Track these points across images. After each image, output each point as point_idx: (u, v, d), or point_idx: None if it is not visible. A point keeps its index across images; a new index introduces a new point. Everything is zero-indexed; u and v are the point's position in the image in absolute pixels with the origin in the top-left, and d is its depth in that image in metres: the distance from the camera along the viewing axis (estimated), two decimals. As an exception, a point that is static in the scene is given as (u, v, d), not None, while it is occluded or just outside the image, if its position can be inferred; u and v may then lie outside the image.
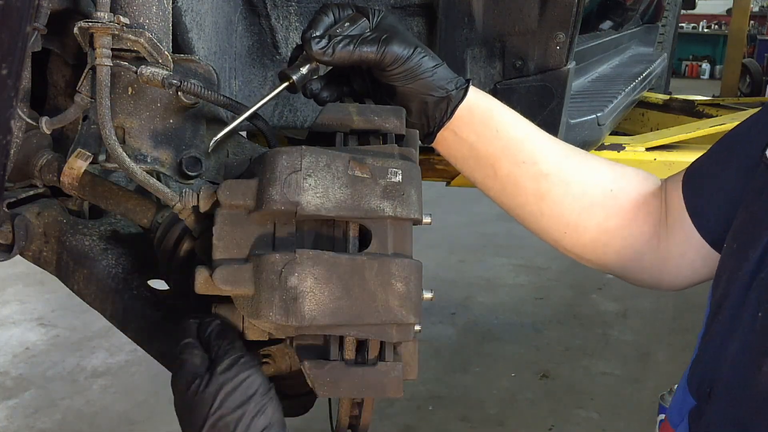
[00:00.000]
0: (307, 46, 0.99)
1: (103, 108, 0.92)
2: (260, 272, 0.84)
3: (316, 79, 1.04)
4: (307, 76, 1.02)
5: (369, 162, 0.88)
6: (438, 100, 1.02)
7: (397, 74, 1.00)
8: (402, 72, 1.00)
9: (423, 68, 1.00)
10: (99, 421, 2.93)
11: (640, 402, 3.04)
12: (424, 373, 3.25)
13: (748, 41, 13.68)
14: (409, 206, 0.87)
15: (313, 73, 1.03)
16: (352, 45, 0.98)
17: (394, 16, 1.10)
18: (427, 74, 1.01)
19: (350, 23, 1.02)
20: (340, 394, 0.89)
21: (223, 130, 1.02)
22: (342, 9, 1.04)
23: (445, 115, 1.04)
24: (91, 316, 3.15)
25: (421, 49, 1.01)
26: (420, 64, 1.00)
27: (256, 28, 1.30)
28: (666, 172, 1.74)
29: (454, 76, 1.03)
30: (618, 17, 2.80)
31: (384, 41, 0.98)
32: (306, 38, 1.00)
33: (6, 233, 1.18)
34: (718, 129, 1.89)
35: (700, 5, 6.26)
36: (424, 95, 1.02)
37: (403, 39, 1.00)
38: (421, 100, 1.02)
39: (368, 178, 0.86)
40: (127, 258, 1.26)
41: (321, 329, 0.85)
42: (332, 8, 1.03)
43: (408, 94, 1.02)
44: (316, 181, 0.85)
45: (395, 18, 1.10)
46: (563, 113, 1.25)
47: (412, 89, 1.01)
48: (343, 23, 1.02)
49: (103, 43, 0.92)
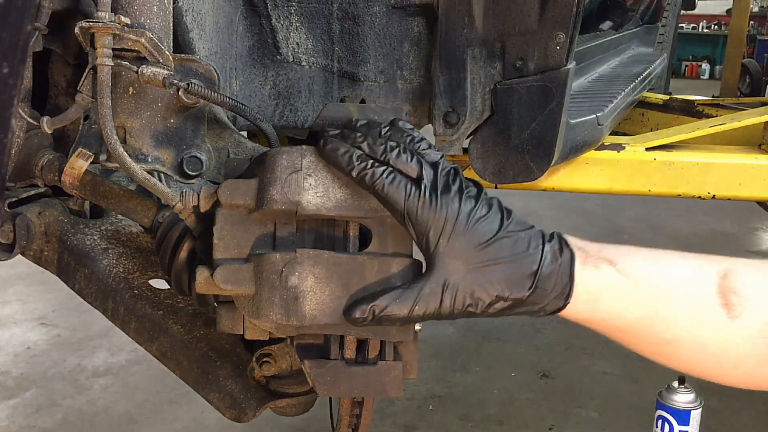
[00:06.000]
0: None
1: (104, 108, 0.92)
2: (261, 272, 0.84)
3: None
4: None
5: (369, 162, 0.88)
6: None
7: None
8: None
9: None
10: (100, 421, 2.93)
11: (640, 402, 3.04)
12: (424, 372, 3.25)
13: (748, 41, 13.67)
14: (409, 206, 0.87)
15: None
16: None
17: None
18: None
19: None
20: (340, 393, 0.89)
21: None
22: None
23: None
24: (92, 315, 3.15)
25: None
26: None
27: (256, 28, 1.31)
28: (666, 172, 1.74)
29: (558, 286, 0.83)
30: (618, 17, 2.80)
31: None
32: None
33: (7, 233, 1.18)
34: (718, 129, 1.89)
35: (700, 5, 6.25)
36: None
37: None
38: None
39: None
40: (128, 257, 1.27)
41: (321, 329, 0.86)
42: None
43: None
44: (317, 181, 0.85)
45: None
46: (563, 113, 1.25)
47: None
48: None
49: (104, 42, 0.92)
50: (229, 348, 1.28)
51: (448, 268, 0.81)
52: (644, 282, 0.87)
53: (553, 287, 0.83)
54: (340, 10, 1.30)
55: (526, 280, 0.82)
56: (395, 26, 1.31)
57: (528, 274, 0.82)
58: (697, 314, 0.87)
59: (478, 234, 0.81)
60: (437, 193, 0.82)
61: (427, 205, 0.81)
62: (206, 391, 1.27)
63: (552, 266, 0.83)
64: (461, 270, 0.81)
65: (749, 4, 11.92)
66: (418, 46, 1.32)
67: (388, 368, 0.88)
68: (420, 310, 0.81)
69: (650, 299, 0.87)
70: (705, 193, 1.73)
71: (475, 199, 0.83)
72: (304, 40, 1.32)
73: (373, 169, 0.81)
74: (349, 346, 0.89)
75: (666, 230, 5.59)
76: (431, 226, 0.81)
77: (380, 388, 0.88)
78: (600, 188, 1.73)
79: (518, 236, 0.83)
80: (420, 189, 0.81)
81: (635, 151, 1.73)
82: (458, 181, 0.84)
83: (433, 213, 0.81)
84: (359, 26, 1.31)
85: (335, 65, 1.34)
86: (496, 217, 0.83)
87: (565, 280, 0.83)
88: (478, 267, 0.81)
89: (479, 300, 0.81)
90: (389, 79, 1.34)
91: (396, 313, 0.81)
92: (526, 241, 0.83)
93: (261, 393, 1.27)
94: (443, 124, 1.27)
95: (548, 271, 0.82)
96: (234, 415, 1.26)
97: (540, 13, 1.18)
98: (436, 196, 0.81)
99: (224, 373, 1.26)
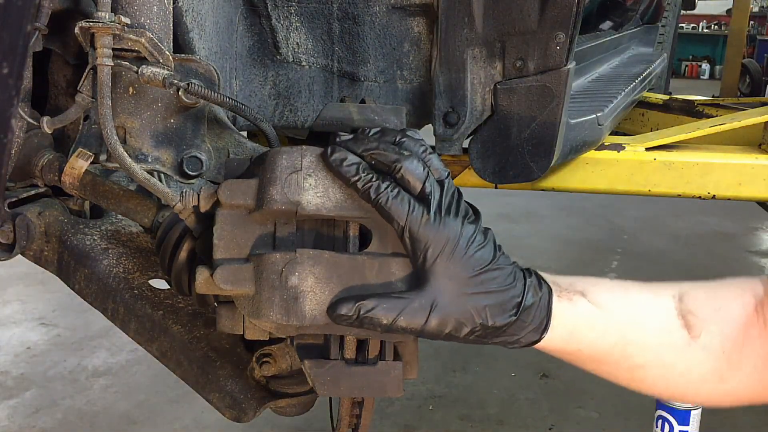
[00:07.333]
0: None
1: (104, 108, 0.92)
2: (261, 272, 0.84)
3: None
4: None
5: (369, 162, 0.88)
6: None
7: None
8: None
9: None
10: (100, 421, 2.93)
11: (640, 402, 3.04)
12: (424, 372, 3.25)
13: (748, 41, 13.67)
14: (409, 206, 0.87)
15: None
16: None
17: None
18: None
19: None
20: (340, 393, 0.89)
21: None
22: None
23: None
24: (92, 315, 3.16)
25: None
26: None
27: (256, 29, 1.31)
28: (666, 172, 1.75)
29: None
30: (618, 17, 2.81)
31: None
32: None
33: (7, 233, 1.18)
34: (718, 129, 1.89)
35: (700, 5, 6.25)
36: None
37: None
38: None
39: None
40: (128, 257, 1.27)
41: (321, 328, 0.86)
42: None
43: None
44: (317, 181, 0.85)
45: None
46: (563, 113, 1.25)
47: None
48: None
49: (104, 42, 0.92)
50: (229, 348, 1.28)
51: (440, 288, 0.82)
52: (615, 311, 0.91)
53: (531, 320, 0.86)
54: (340, 10, 1.30)
55: (509, 311, 0.84)
56: (395, 26, 1.31)
57: (512, 305, 0.84)
58: (662, 337, 0.92)
59: (473, 261, 0.82)
60: (441, 213, 0.82)
61: (430, 223, 0.81)
62: (206, 391, 1.27)
63: (533, 299, 0.86)
64: (452, 293, 0.82)
65: (749, 4, 11.92)
66: (418, 46, 1.32)
67: (388, 368, 0.88)
68: (404, 322, 0.81)
69: (621, 327, 0.91)
70: (705, 193, 1.73)
71: (475, 225, 0.84)
72: (304, 40, 1.32)
73: (378, 182, 0.81)
74: (349, 346, 0.89)
75: (666, 230, 5.59)
76: (431, 245, 0.81)
77: (380, 388, 0.89)
78: (600, 188, 1.73)
79: (507, 269, 0.85)
80: (423, 206, 0.82)
81: (635, 151, 1.73)
82: (462, 204, 0.85)
83: (434, 232, 0.81)
84: (359, 26, 1.31)
85: (335, 65, 1.34)
86: (490, 246, 0.84)
87: (543, 314, 0.86)
88: (468, 294, 0.82)
89: (463, 325, 0.83)
90: (389, 79, 1.34)
91: (379, 318, 0.81)
92: (512, 274, 0.85)
93: (261, 393, 1.27)
94: (443, 124, 1.27)
95: (529, 304, 0.85)
96: (234, 415, 1.26)
97: (540, 13, 1.18)
98: (440, 215, 0.82)
99: (224, 373, 1.26)
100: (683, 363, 0.92)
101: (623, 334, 0.91)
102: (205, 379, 1.27)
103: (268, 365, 1.23)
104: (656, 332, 0.92)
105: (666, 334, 0.92)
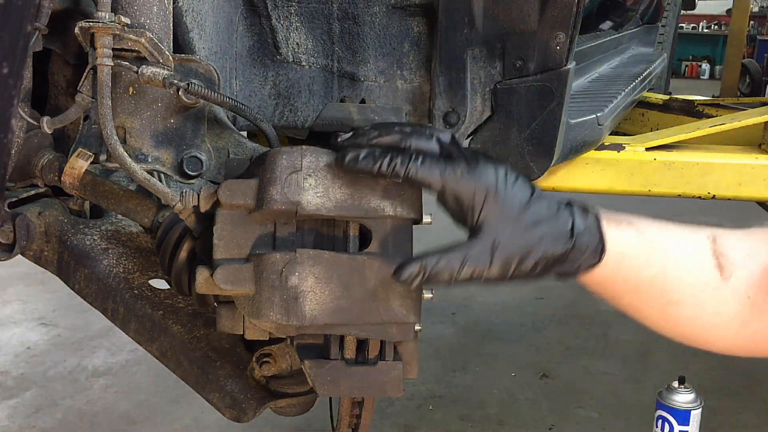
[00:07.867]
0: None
1: (104, 108, 0.92)
2: (261, 272, 0.84)
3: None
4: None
5: (369, 162, 0.88)
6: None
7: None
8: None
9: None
10: (100, 421, 2.93)
11: (640, 402, 3.04)
12: (424, 372, 3.25)
13: (748, 41, 13.66)
14: (409, 206, 0.87)
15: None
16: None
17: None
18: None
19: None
20: (340, 393, 0.89)
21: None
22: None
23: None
24: (92, 315, 3.15)
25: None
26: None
27: (256, 29, 1.31)
28: (666, 172, 1.74)
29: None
30: (618, 17, 2.81)
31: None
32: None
33: (7, 233, 1.18)
34: (718, 129, 1.89)
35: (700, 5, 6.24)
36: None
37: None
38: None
39: (368, 178, 0.87)
40: (128, 257, 1.27)
41: (321, 329, 0.86)
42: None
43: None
44: (317, 181, 0.85)
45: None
46: (563, 113, 1.26)
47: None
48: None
49: (104, 43, 0.92)
50: (229, 348, 1.28)
51: (496, 229, 0.82)
52: (658, 243, 0.91)
53: (588, 243, 0.85)
54: (340, 10, 1.30)
55: (565, 237, 0.84)
56: (395, 26, 1.31)
57: (566, 231, 0.84)
58: (698, 275, 0.91)
59: (518, 196, 0.83)
60: (469, 162, 0.83)
61: (466, 174, 0.82)
62: (206, 391, 1.27)
63: (584, 224, 0.85)
64: (508, 230, 0.82)
65: (749, 4, 11.91)
66: (418, 46, 1.32)
67: (388, 368, 0.88)
68: (468, 270, 0.81)
69: (663, 259, 0.90)
70: (705, 193, 1.73)
71: (502, 164, 0.85)
72: (304, 40, 1.32)
73: (400, 158, 0.81)
74: (349, 346, 0.89)
75: (666, 230, 5.58)
76: (474, 194, 0.82)
77: (380, 388, 0.89)
78: (600, 188, 1.73)
79: (550, 198, 0.85)
80: (452, 163, 0.82)
81: (635, 151, 1.73)
82: (480, 152, 0.85)
83: (474, 180, 0.82)
84: (359, 26, 1.31)
85: (335, 65, 1.34)
86: (525, 179, 0.85)
87: (597, 237, 0.86)
88: (523, 227, 0.83)
89: (525, 259, 0.83)
90: (389, 79, 1.34)
91: (444, 270, 0.81)
92: (556, 203, 0.85)
93: (261, 393, 1.27)
94: (443, 124, 1.27)
95: (582, 228, 0.85)
96: (234, 415, 1.26)
97: (540, 13, 1.18)
98: (471, 164, 0.82)
99: (224, 373, 1.26)
100: (714, 303, 0.91)
101: (664, 267, 0.90)
102: (205, 379, 1.27)
103: (268, 365, 1.23)
104: (693, 270, 0.91)
105: (701, 273, 0.91)
